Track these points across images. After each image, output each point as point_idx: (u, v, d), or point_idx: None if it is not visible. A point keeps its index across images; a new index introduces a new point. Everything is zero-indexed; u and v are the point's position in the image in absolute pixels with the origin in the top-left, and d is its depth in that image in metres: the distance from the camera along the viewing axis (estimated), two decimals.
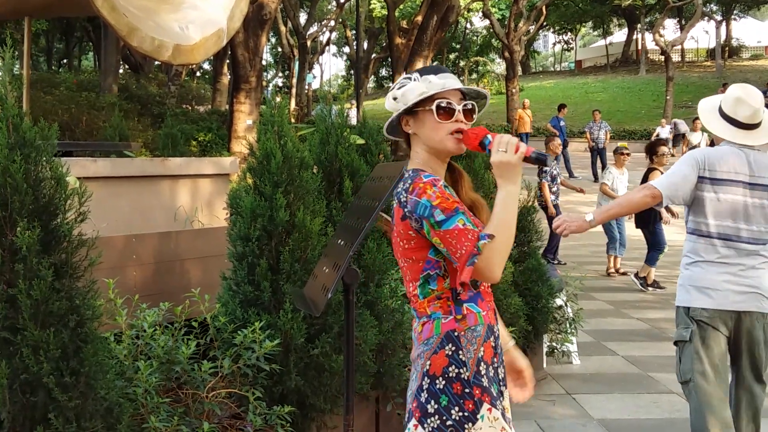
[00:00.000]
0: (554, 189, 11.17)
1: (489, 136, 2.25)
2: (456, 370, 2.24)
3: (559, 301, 6.30)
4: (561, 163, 22.48)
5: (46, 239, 2.68)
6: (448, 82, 2.32)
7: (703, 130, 15.79)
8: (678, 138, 26.15)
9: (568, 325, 6.35)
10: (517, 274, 5.82)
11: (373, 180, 2.90)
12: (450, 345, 2.25)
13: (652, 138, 28.42)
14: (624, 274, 10.88)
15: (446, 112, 2.30)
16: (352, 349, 2.66)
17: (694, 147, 15.58)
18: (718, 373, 3.75)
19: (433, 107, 2.29)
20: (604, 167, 21.07)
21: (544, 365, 6.23)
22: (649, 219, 9.76)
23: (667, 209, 9.62)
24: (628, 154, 11.11)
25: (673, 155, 25.56)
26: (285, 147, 3.90)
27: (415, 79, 2.34)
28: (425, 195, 2.19)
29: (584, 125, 29.12)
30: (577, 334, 6.52)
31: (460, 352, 2.25)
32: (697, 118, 16.37)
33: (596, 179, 20.57)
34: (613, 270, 11.03)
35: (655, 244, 9.97)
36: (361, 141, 5.91)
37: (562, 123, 22.11)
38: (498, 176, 2.22)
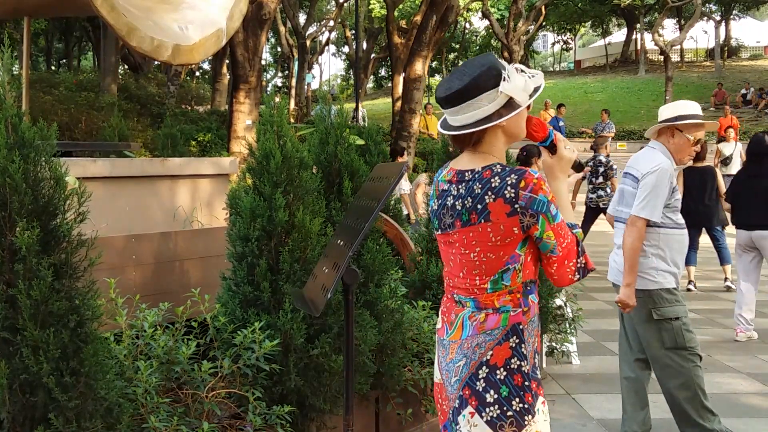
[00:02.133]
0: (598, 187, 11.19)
1: (552, 132, 2.46)
2: (518, 362, 2.30)
3: (558, 301, 6.29)
4: None
5: (46, 239, 2.67)
6: (538, 81, 2.38)
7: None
8: None
9: (567, 325, 6.34)
10: None
11: (373, 180, 2.91)
12: (515, 337, 2.31)
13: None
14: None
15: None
16: (351, 349, 2.66)
17: (727, 158, 15.10)
18: None
19: (529, 102, 2.36)
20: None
21: (544, 365, 6.23)
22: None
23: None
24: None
25: None
26: (284, 147, 3.90)
27: (512, 71, 2.32)
28: (542, 191, 2.26)
29: (583, 125, 29.16)
30: (576, 334, 6.52)
31: (523, 345, 2.32)
32: (729, 127, 16.21)
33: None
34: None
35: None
36: (360, 141, 5.91)
37: (561, 123, 22.11)
38: (559, 170, 2.46)
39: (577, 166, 2.53)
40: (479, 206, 2.28)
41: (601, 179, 11.14)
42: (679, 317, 4.08)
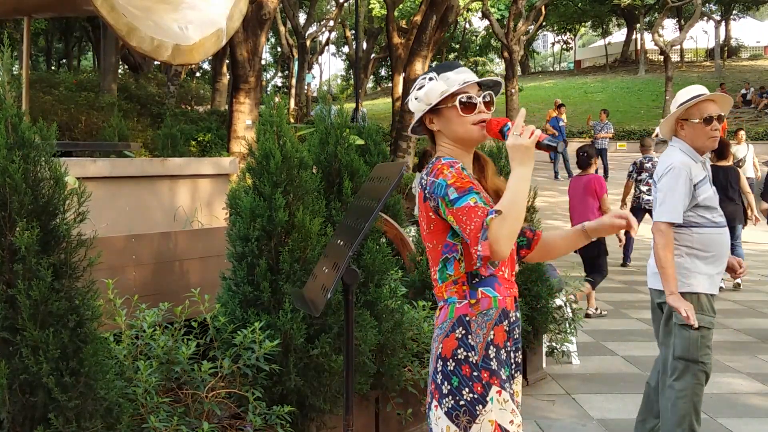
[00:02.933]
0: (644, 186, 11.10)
1: (509, 124, 2.37)
2: (464, 353, 2.34)
3: (558, 302, 6.29)
4: (560, 163, 22.57)
5: (46, 239, 2.67)
6: (466, 77, 2.42)
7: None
8: None
9: (567, 325, 6.35)
10: (516, 274, 5.81)
11: (373, 180, 2.90)
12: (460, 329, 2.36)
13: (652, 136, 28.47)
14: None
15: (469, 106, 2.41)
16: (351, 349, 2.66)
17: (740, 161, 14.95)
18: None
19: (456, 103, 2.39)
20: (605, 168, 21.08)
21: (544, 365, 6.23)
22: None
23: None
24: None
25: None
26: (284, 147, 3.90)
27: (432, 79, 2.42)
28: (441, 175, 2.31)
29: (584, 125, 29.12)
30: (576, 334, 6.52)
31: (469, 336, 2.35)
32: (740, 129, 16.08)
33: (606, 175, 20.58)
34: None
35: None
36: (360, 141, 5.91)
37: (561, 123, 22.11)
38: (512, 159, 2.32)
39: (546, 147, 2.31)
40: (416, 198, 2.44)
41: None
42: (699, 327, 3.88)
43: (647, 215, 11.03)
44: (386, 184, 2.66)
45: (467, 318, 2.35)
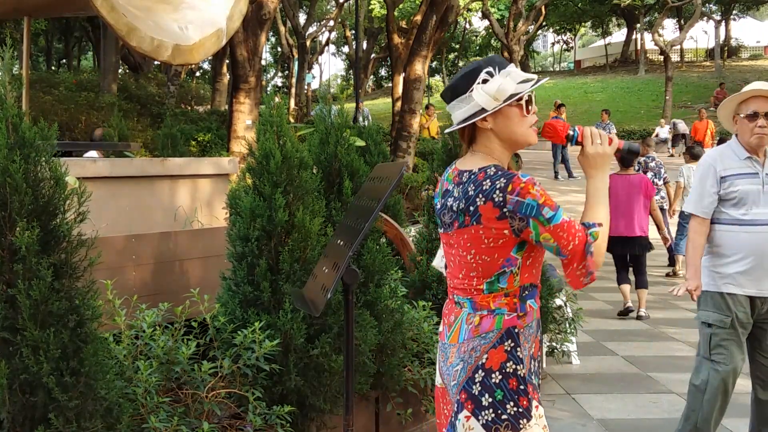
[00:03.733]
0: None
1: (576, 129, 2.38)
2: (513, 366, 2.29)
3: (558, 301, 6.29)
4: (559, 163, 22.55)
5: (46, 239, 2.67)
6: (525, 74, 2.35)
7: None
8: (677, 138, 26.17)
9: (567, 325, 6.35)
10: None
11: (373, 180, 2.91)
12: (510, 341, 2.30)
13: (652, 137, 28.49)
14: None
15: (527, 106, 2.35)
16: (351, 349, 2.66)
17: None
18: None
19: (523, 102, 2.33)
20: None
21: (544, 365, 6.23)
22: None
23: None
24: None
25: (672, 155, 25.65)
26: (284, 147, 3.90)
27: (495, 74, 2.32)
28: (529, 195, 2.21)
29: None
30: (576, 334, 6.52)
31: (518, 349, 2.30)
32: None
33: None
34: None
35: None
36: (361, 143, 5.91)
37: None
38: (591, 167, 2.35)
39: (627, 154, 2.44)
40: (471, 208, 2.27)
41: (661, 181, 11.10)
42: (711, 324, 3.97)
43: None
44: (386, 184, 2.66)
45: (516, 330, 2.30)
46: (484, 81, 2.30)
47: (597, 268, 2.25)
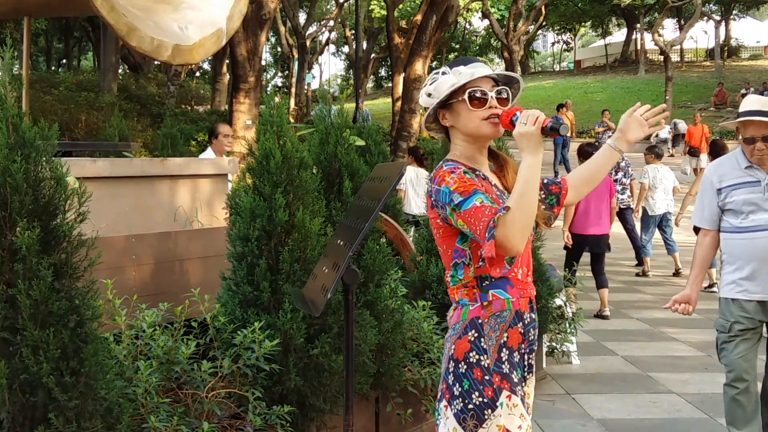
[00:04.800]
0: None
1: (518, 113, 2.29)
2: (476, 356, 2.32)
3: (558, 301, 6.29)
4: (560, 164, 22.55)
5: (46, 239, 2.67)
6: (477, 70, 2.38)
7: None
8: (678, 138, 26.17)
9: (567, 325, 6.35)
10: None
11: (373, 180, 2.91)
12: (473, 331, 2.34)
13: (652, 138, 28.47)
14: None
15: (479, 100, 2.36)
16: (351, 349, 2.66)
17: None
18: None
19: (465, 96, 2.36)
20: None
21: (544, 365, 6.23)
22: None
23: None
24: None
25: (672, 155, 25.65)
26: (284, 147, 3.90)
27: (444, 73, 2.41)
28: (444, 182, 2.29)
29: (584, 125, 29.13)
30: (576, 334, 6.52)
31: (482, 339, 2.34)
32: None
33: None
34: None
35: None
36: (361, 142, 5.91)
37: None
38: (520, 149, 2.28)
39: (551, 130, 2.23)
40: (425, 204, 2.44)
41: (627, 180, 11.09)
42: (717, 330, 4.15)
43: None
44: (386, 184, 2.66)
45: (480, 320, 2.34)
46: (432, 82, 2.43)
47: (511, 252, 2.16)
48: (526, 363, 2.44)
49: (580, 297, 7.76)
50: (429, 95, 2.42)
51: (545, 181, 2.59)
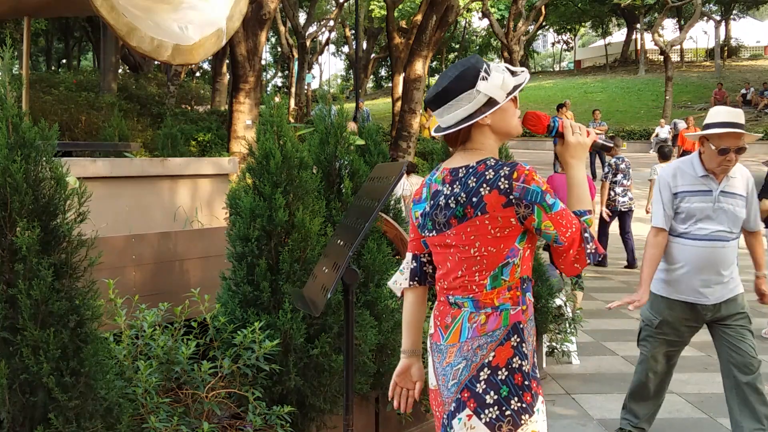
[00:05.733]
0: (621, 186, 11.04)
1: (556, 119, 2.44)
2: (519, 362, 2.30)
3: (558, 301, 6.29)
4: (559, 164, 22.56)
5: (46, 239, 2.68)
6: (514, 68, 2.41)
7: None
8: (678, 138, 26.16)
9: (567, 325, 6.35)
10: None
11: (373, 180, 2.91)
12: (515, 336, 2.31)
13: (652, 138, 28.51)
14: None
15: (516, 100, 2.43)
16: (351, 349, 2.66)
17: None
18: None
19: (516, 95, 2.39)
20: (603, 165, 21.07)
21: (544, 365, 6.23)
22: None
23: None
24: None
25: (672, 154, 25.64)
26: (284, 147, 3.90)
27: (491, 71, 2.35)
28: (534, 181, 2.26)
29: (586, 125, 29.13)
30: (576, 334, 6.52)
31: (524, 344, 2.32)
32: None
33: (594, 177, 20.54)
34: None
35: None
36: (360, 142, 5.90)
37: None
38: (571, 156, 2.41)
39: (601, 147, 2.49)
40: (474, 199, 2.28)
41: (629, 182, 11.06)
42: (643, 320, 4.53)
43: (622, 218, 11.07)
44: (386, 184, 2.66)
45: (521, 325, 2.32)
46: (485, 78, 2.32)
47: (601, 251, 2.32)
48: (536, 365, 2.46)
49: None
50: (497, 86, 2.33)
51: None
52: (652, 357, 4.43)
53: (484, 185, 2.27)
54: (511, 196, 2.24)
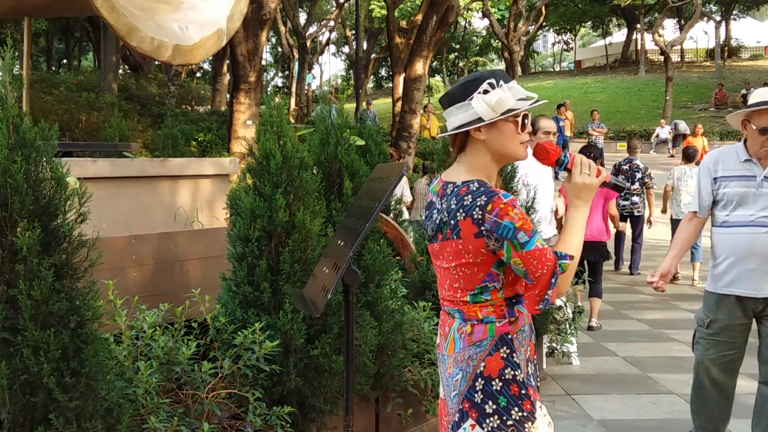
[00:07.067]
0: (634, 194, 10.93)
1: (567, 155, 2.37)
2: (512, 372, 2.29)
3: (558, 302, 6.29)
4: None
5: (47, 240, 2.68)
6: (530, 94, 2.36)
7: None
8: (678, 138, 26.18)
9: (567, 326, 6.35)
10: None
11: (373, 181, 2.91)
12: (505, 348, 2.30)
13: (652, 138, 28.52)
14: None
15: (523, 125, 2.35)
16: (351, 349, 2.66)
17: None
18: None
19: (519, 120, 2.33)
20: (602, 166, 21.05)
21: (544, 366, 6.23)
22: None
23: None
24: None
25: (672, 155, 25.65)
26: (284, 147, 3.90)
27: (496, 87, 2.32)
28: (507, 217, 2.21)
29: (584, 126, 29.13)
30: (576, 334, 6.52)
31: (514, 354, 2.31)
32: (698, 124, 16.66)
33: None
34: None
35: None
36: (361, 142, 5.90)
37: (561, 123, 22.07)
38: (575, 196, 2.35)
39: (613, 187, 2.41)
40: (452, 222, 2.28)
41: (636, 185, 10.95)
42: (697, 321, 4.26)
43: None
44: (386, 185, 2.66)
45: (509, 336, 2.31)
46: (485, 92, 2.31)
47: (557, 297, 2.29)
48: (535, 372, 2.45)
49: (582, 298, 7.75)
50: (487, 104, 2.29)
51: None
52: (705, 361, 4.19)
53: (461, 210, 2.26)
54: (483, 228, 2.22)
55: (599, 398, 5.63)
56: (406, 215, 9.53)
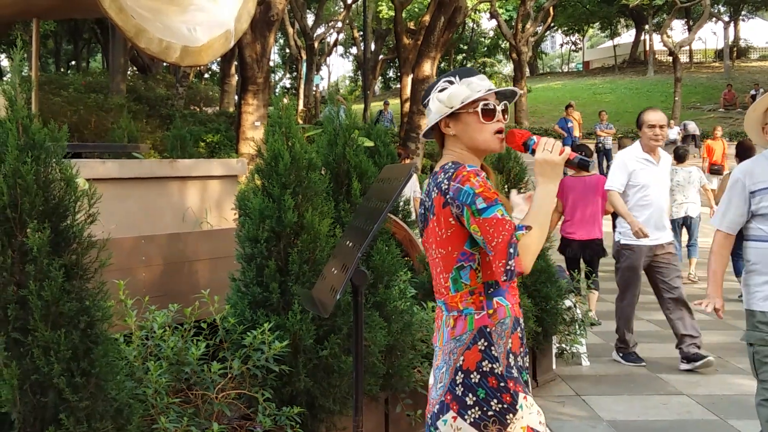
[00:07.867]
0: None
1: (534, 138, 2.41)
2: (489, 365, 2.33)
3: (568, 303, 6.28)
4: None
5: (57, 240, 2.68)
6: (489, 84, 2.43)
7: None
8: (687, 139, 26.08)
9: (577, 327, 6.33)
10: (525, 276, 5.81)
11: (382, 181, 2.90)
12: (482, 341, 2.34)
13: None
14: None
15: (489, 114, 2.40)
16: (360, 350, 2.66)
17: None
18: None
19: (479, 110, 2.39)
20: (609, 168, 20.99)
21: (554, 366, 6.22)
22: None
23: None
24: None
25: None
26: (293, 148, 3.91)
27: (454, 83, 2.42)
28: (468, 183, 2.28)
29: (592, 126, 29.08)
30: (586, 335, 6.50)
31: (492, 347, 2.34)
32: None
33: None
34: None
35: None
36: (369, 143, 5.90)
37: (569, 124, 22.02)
38: (539, 174, 2.37)
39: (578, 164, 2.40)
40: (429, 203, 2.38)
41: None
42: (752, 344, 3.74)
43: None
44: (395, 185, 2.66)
45: (488, 329, 2.34)
46: (441, 90, 2.42)
47: (523, 269, 2.26)
48: (526, 365, 2.47)
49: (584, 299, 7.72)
50: (440, 101, 2.41)
51: None
52: None
53: (435, 188, 2.35)
54: (447, 196, 2.31)
55: (609, 399, 5.61)
56: (414, 216, 9.54)
